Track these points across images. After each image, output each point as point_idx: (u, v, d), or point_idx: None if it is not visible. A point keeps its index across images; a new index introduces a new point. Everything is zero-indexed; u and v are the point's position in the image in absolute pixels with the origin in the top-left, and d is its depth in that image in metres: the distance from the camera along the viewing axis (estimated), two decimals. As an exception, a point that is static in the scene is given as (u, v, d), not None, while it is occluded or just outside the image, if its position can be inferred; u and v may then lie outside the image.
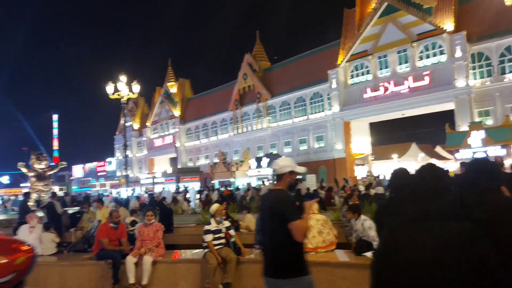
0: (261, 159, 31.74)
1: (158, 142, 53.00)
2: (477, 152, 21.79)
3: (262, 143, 39.41)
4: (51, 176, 20.46)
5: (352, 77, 31.48)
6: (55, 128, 74.64)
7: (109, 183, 54.84)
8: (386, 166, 32.42)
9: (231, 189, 25.23)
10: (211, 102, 46.55)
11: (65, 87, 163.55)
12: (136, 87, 18.50)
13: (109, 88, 18.21)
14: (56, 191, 20.59)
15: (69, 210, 14.10)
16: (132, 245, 7.47)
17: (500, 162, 8.81)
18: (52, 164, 26.91)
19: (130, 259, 6.99)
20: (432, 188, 1.84)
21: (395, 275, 1.67)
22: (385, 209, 3.01)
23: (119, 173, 55.81)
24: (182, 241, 10.62)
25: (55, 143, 74.09)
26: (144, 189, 38.09)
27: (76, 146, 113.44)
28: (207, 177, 38.83)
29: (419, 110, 29.41)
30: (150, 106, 55.98)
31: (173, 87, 51.29)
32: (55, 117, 74.88)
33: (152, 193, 26.64)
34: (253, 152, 38.39)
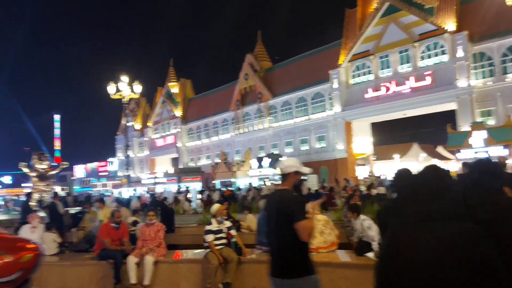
0: (262, 159, 31.74)
1: (160, 142, 53.04)
2: (478, 152, 21.75)
3: (263, 143, 39.38)
4: (53, 176, 20.51)
5: (354, 77, 31.46)
6: (56, 128, 74.63)
7: (110, 183, 54.85)
8: (388, 166, 32.38)
9: (232, 189, 25.27)
10: (212, 102, 46.56)
11: (67, 87, 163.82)
12: (138, 87, 18.56)
13: (111, 88, 18.28)
14: (57, 191, 20.65)
15: (70, 210, 14.12)
16: (134, 245, 7.48)
17: (502, 163, 8.80)
18: (53, 164, 26.98)
19: (132, 259, 7.00)
20: (434, 189, 1.84)
21: (399, 276, 1.68)
22: (388, 210, 3.01)
23: (121, 173, 55.85)
24: (183, 241, 10.63)
25: (57, 144, 74.09)
26: (145, 189, 38.12)
27: (78, 146, 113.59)
28: (208, 177, 38.85)
29: (421, 110, 29.36)
30: (151, 106, 56.03)
31: (174, 87, 51.33)
32: (56, 117, 74.90)
33: (154, 193, 26.66)
34: (255, 152, 38.38)
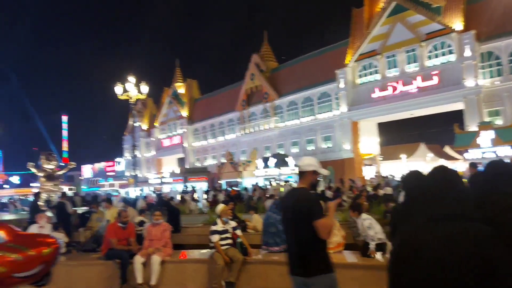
0: (268, 159, 31.69)
1: (166, 143, 53.25)
2: (486, 152, 21.61)
3: (269, 143, 39.36)
4: (61, 176, 20.70)
5: (360, 76, 31.35)
6: (64, 129, 75.15)
7: (118, 183, 55.10)
8: (395, 166, 32.24)
9: (238, 189, 25.29)
10: (218, 102, 46.63)
11: (75, 88, 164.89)
12: (145, 88, 18.65)
13: (118, 89, 18.39)
14: (65, 191, 20.81)
15: (78, 210, 14.23)
16: (140, 245, 7.52)
17: None
18: (61, 164, 27.18)
19: (138, 259, 7.04)
20: (443, 189, 1.85)
21: (409, 276, 1.68)
22: (399, 212, 3.03)
23: (128, 173, 56.14)
24: (189, 241, 10.66)
25: (65, 145, 74.60)
26: (152, 189, 38.28)
27: (86, 146, 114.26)
28: (214, 177, 38.91)
29: (428, 110, 29.17)
30: (158, 107, 56.26)
31: (181, 87, 51.49)
32: (64, 118, 75.44)
33: (160, 193, 26.75)
34: (260, 152, 38.41)
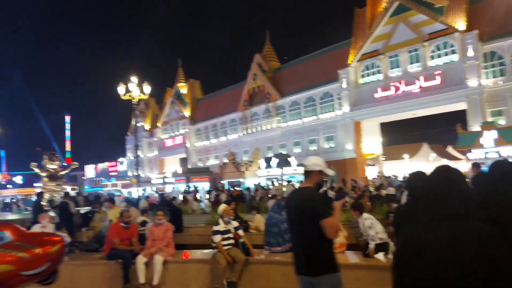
0: (270, 159, 31.67)
1: (169, 143, 53.32)
2: (489, 153, 21.54)
3: (271, 144, 39.36)
4: (63, 176, 20.75)
5: (363, 76, 31.30)
6: (67, 130, 75.34)
7: (120, 183, 55.22)
8: (397, 166, 32.20)
9: (240, 189, 25.28)
10: (220, 102, 46.65)
11: (78, 88, 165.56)
12: (147, 88, 18.67)
13: (121, 89, 18.41)
14: (68, 191, 20.85)
15: (81, 210, 14.26)
16: (142, 245, 7.53)
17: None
18: (64, 164, 27.26)
19: (141, 259, 7.04)
20: (446, 189, 1.84)
21: (413, 276, 1.68)
22: (401, 213, 3.03)
23: (131, 173, 56.24)
24: (192, 241, 10.67)
25: (68, 145, 74.80)
26: (154, 189, 38.32)
27: (89, 146, 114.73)
28: (216, 177, 38.93)
29: (431, 110, 29.10)
30: (160, 107, 56.34)
31: (183, 87, 51.54)
32: (67, 118, 75.63)
33: (163, 193, 26.77)
34: (263, 153, 38.39)
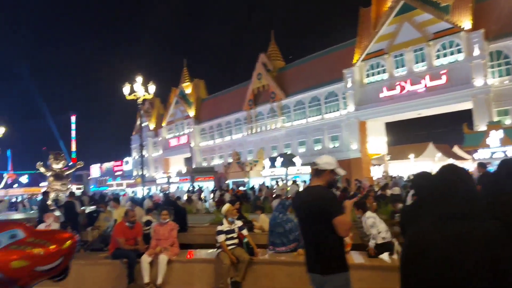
0: (275, 159, 31.65)
1: (173, 142, 53.42)
2: (496, 152, 21.39)
3: (276, 143, 39.33)
4: (69, 176, 20.84)
5: (368, 76, 31.20)
6: (73, 130, 75.76)
7: (125, 182, 55.45)
8: (403, 166, 32.06)
9: (244, 189, 25.30)
10: (225, 102, 46.69)
11: (84, 87, 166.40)
12: (152, 88, 18.70)
13: (126, 89, 18.46)
14: (73, 190, 20.96)
15: (86, 209, 14.31)
16: (147, 245, 7.54)
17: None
18: (69, 164, 27.41)
19: (145, 259, 7.06)
20: (452, 188, 1.82)
21: (419, 276, 1.67)
22: (406, 213, 3.02)
23: (136, 173, 56.45)
24: (196, 241, 10.66)
25: (73, 145, 75.23)
26: (159, 188, 38.44)
27: (94, 146, 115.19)
28: (221, 177, 38.95)
29: (436, 110, 28.95)
30: (165, 107, 56.46)
31: (188, 87, 51.62)
32: (73, 118, 76.04)
33: (167, 192, 26.83)
34: (267, 152, 38.35)
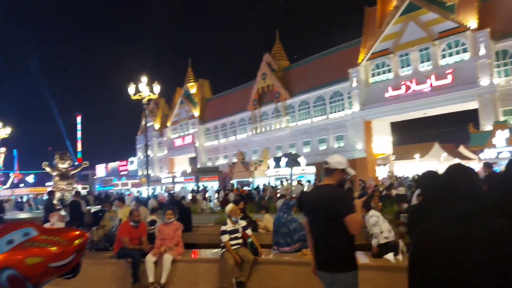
0: (279, 159, 31.62)
1: (178, 142, 53.55)
2: (502, 152, 21.27)
3: (280, 143, 39.31)
4: (74, 175, 20.94)
5: (373, 75, 31.09)
6: (78, 130, 76.23)
7: (130, 182, 55.67)
8: (408, 166, 31.94)
9: (249, 188, 25.33)
10: (230, 102, 46.72)
11: (89, 88, 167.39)
12: (157, 88, 18.76)
13: (131, 89, 18.54)
14: (79, 190, 21.07)
15: (91, 209, 14.39)
16: (152, 244, 7.56)
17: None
18: (75, 164, 27.55)
19: (150, 258, 7.07)
20: (459, 187, 1.81)
21: (423, 276, 1.65)
22: (412, 213, 3.00)
23: (141, 173, 56.66)
24: (201, 240, 10.67)
25: (79, 145, 75.70)
26: (164, 188, 38.56)
27: (100, 146, 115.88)
28: (226, 176, 38.98)
29: (442, 109, 28.79)
30: (170, 107, 56.60)
31: (192, 87, 51.71)
32: (78, 119, 76.49)
33: (172, 192, 26.92)
34: (272, 152, 38.34)
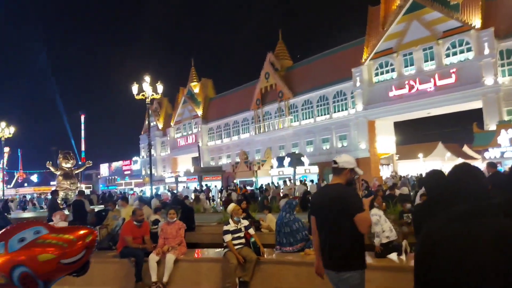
0: (282, 158, 31.59)
1: (181, 142, 53.61)
2: (506, 152, 21.18)
3: (283, 143, 39.27)
4: (78, 175, 21.02)
5: (377, 75, 31.00)
6: (82, 130, 76.58)
7: (134, 181, 55.79)
8: (412, 166, 31.87)
9: (252, 188, 25.32)
10: (233, 101, 46.70)
11: (92, 88, 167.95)
12: (160, 88, 18.78)
13: (134, 89, 18.57)
14: (83, 189, 21.16)
15: (95, 208, 14.43)
16: (155, 244, 7.58)
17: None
18: (79, 163, 27.65)
19: (153, 257, 7.09)
20: (463, 187, 1.80)
21: (428, 275, 1.64)
22: (416, 213, 2.99)
23: (144, 172, 56.76)
24: (203, 240, 10.70)
25: (83, 144, 76.06)
26: (167, 187, 38.63)
27: (103, 146, 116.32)
28: (229, 176, 38.98)
29: (446, 109, 28.70)
30: (173, 106, 56.66)
31: (196, 87, 51.73)
32: (82, 118, 76.84)
33: (176, 192, 26.96)
34: (275, 152, 38.30)
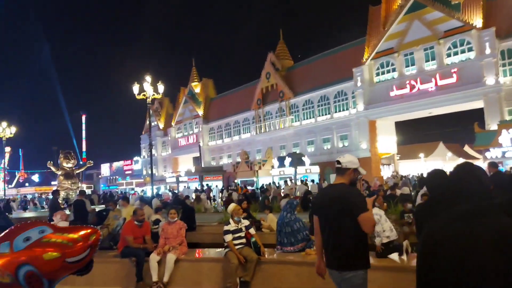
0: (283, 158, 31.58)
1: (182, 142, 53.65)
2: (507, 152, 21.15)
3: (284, 143, 39.27)
4: (79, 175, 21.03)
5: (378, 75, 30.98)
6: (83, 130, 76.72)
7: (135, 181, 55.85)
8: (413, 165, 31.84)
9: (253, 188, 25.31)
10: (234, 101, 46.72)
11: (93, 88, 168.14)
12: (161, 88, 18.79)
13: (135, 89, 18.58)
14: (84, 189, 21.18)
15: (96, 208, 14.44)
16: (155, 243, 7.58)
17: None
18: (80, 163, 27.66)
19: (154, 257, 7.09)
20: (465, 186, 1.80)
21: (430, 275, 1.64)
22: (418, 213, 2.99)
23: (145, 172, 56.80)
24: (204, 240, 10.69)
25: (84, 144, 76.20)
26: (168, 187, 38.64)
27: (104, 146, 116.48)
28: (230, 176, 38.98)
29: (447, 109, 28.68)
30: (174, 106, 56.70)
31: (197, 87, 51.76)
32: (83, 118, 76.96)
33: (177, 191, 26.97)
34: (276, 152, 38.30)
